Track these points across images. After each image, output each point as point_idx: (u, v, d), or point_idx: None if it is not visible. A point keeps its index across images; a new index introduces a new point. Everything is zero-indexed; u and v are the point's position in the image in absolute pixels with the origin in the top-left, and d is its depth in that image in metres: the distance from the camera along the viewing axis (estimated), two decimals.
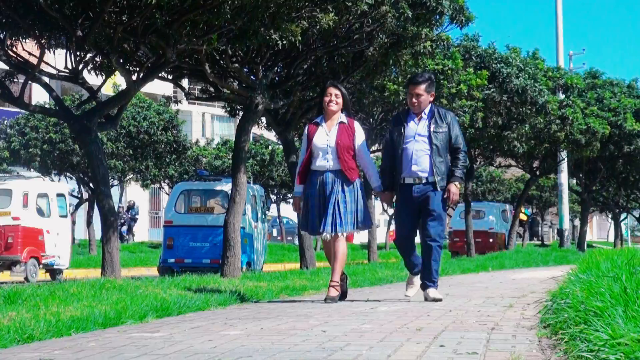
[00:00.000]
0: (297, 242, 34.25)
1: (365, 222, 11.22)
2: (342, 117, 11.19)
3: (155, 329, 7.90)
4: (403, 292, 11.40)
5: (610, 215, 64.35)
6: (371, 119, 28.04)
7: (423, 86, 10.92)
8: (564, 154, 39.28)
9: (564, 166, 41.48)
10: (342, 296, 11.21)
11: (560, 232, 44.70)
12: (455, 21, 21.10)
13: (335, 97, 11.08)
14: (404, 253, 11.35)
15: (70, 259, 29.35)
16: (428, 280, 10.91)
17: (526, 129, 32.05)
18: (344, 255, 11.14)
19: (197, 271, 20.29)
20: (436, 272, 10.94)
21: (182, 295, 10.83)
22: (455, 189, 10.84)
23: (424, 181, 10.85)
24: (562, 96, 35.69)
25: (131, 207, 49.91)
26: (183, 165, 45.53)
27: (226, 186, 25.83)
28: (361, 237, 67.44)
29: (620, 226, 63.11)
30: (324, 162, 11.05)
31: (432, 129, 10.82)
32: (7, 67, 17.30)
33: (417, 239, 11.32)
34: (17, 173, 34.15)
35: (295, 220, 38.36)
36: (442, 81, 27.17)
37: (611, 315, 5.49)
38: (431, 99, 11.08)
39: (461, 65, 28.14)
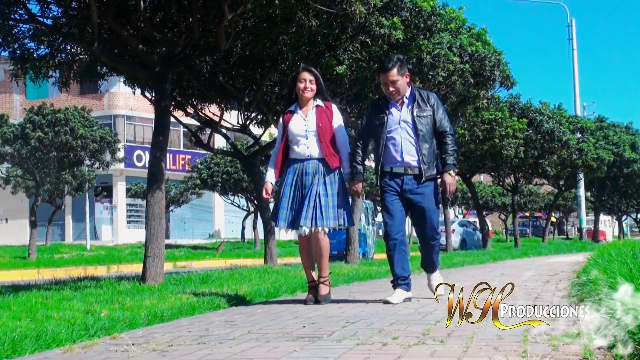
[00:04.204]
0: None
1: (347, 218, 7.51)
2: (318, 101, 7.68)
3: (302, 299, 7.91)
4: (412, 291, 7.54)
5: (614, 217, 63.33)
6: None
7: (394, 70, 7.27)
8: (581, 175, 38.87)
9: (581, 183, 40.95)
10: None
11: (580, 230, 44.16)
12: (503, 85, 20.97)
13: (309, 84, 7.64)
14: (394, 253, 7.33)
15: None
16: (431, 270, 7.57)
17: (554, 158, 32.01)
18: (328, 250, 7.64)
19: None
20: (438, 261, 7.62)
21: None
22: (450, 179, 7.23)
23: (415, 172, 7.24)
24: (579, 135, 35.41)
25: None
26: None
27: None
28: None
29: (622, 224, 62.79)
30: (304, 148, 7.52)
31: (415, 114, 7.27)
32: (198, 123, 17.54)
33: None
34: None
35: None
36: (494, 126, 27.13)
37: None
38: (407, 79, 7.40)
39: (508, 115, 28.02)
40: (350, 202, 7.72)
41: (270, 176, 7.68)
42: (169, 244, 38.36)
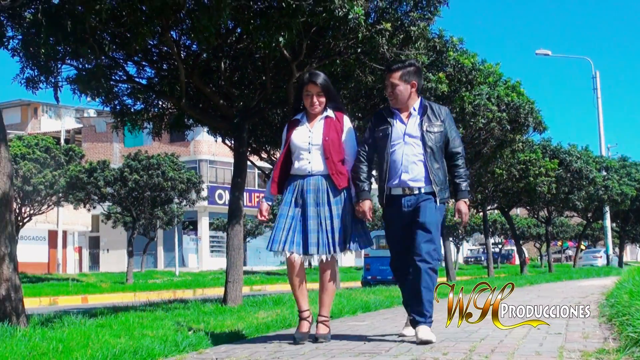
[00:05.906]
0: (443, 264, 33.74)
1: (359, 240, 5.62)
2: (328, 111, 5.74)
3: (361, 319, 7.86)
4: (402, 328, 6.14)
5: (638, 245, 62.08)
6: (486, 190, 27.84)
7: (398, 74, 5.54)
8: (607, 208, 38.25)
9: (607, 215, 40.18)
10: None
11: (607, 256, 43.42)
12: (536, 130, 20.78)
13: (317, 97, 5.68)
14: (401, 282, 5.68)
15: None
16: (418, 315, 5.39)
17: (583, 193, 31.62)
18: (336, 282, 5.86)
19: (384, 284, 20.17)
20: (429, 303, 5.35)
21: (377, 298, 10.75)
22: (465, 208, 5.51)
23: (415, 192, 5.45)
24: (604, 173, 35.00)
25: None
26: (374, 221, 45.56)
27: None
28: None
29: None
30: (305, 163, 5.63)
31: (425, 128, 5.47)
32: (271, 166, 17.63)
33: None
34: None
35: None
36: (529, 166, 26.89)
37: None
38: (412, 89, 5.57)
39: (541, 156, 27.77)
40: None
41: (268, 193, 5.83)
42: (246, 271, 38.47)
